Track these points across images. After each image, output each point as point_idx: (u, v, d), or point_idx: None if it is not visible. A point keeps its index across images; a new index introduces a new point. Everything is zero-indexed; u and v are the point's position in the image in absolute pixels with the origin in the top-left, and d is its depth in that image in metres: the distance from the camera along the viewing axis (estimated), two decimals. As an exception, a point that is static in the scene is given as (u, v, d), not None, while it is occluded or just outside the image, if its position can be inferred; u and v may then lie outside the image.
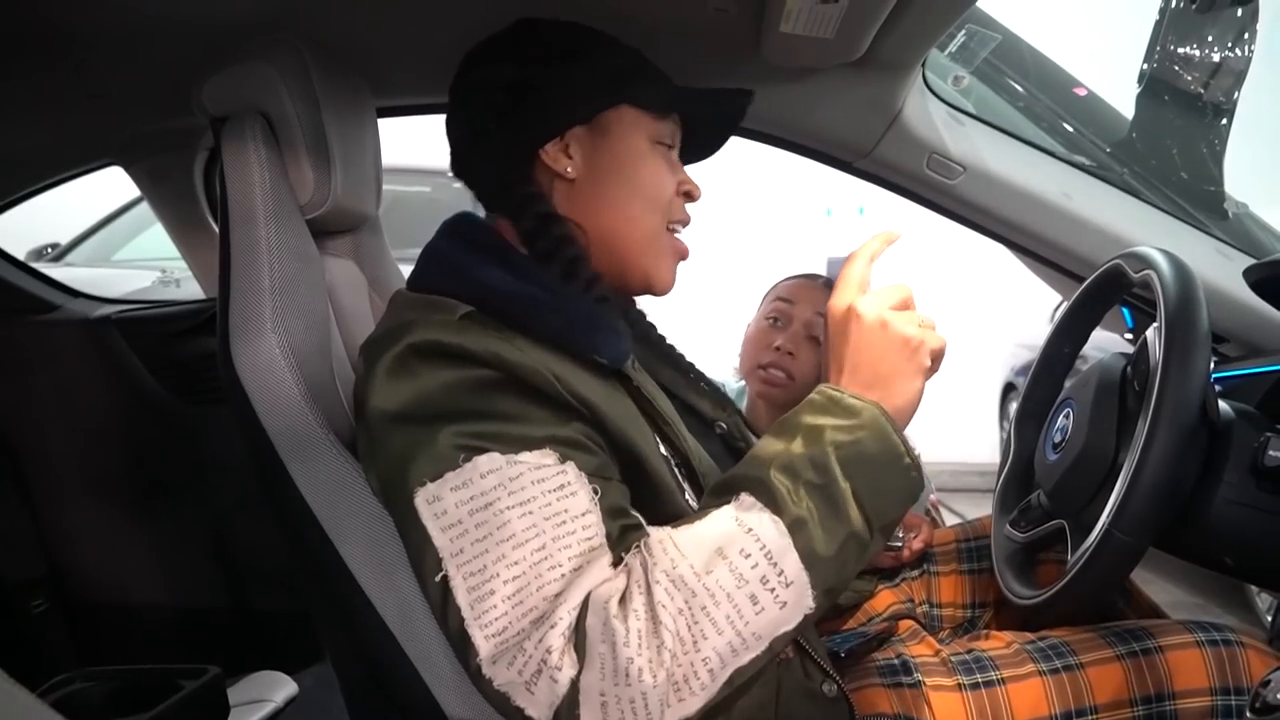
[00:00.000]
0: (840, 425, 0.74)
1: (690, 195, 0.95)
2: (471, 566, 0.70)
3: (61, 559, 1.59)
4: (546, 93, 0.88)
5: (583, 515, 0.72)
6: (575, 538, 0.71)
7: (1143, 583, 1.21)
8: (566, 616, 0.68)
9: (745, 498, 0.72)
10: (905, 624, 1.14)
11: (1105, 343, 1.46)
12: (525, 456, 0.72)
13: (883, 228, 0.91)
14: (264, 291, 0.95)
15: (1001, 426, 4.56)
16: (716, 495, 0.75)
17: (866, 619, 1.17)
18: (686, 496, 0.84)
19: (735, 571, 0.69)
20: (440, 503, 0.72)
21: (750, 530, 0.70)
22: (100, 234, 3.69)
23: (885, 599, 1.21)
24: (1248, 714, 0.67)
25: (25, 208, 1.65)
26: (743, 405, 1.69)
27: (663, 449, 0.85)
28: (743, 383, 1.74)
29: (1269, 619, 1.30)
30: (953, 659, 0.98)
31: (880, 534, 0.74)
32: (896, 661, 0.99)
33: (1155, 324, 0.94)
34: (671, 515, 0.80)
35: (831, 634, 1.11)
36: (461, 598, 0.70)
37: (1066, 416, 1.06)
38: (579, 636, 0.67)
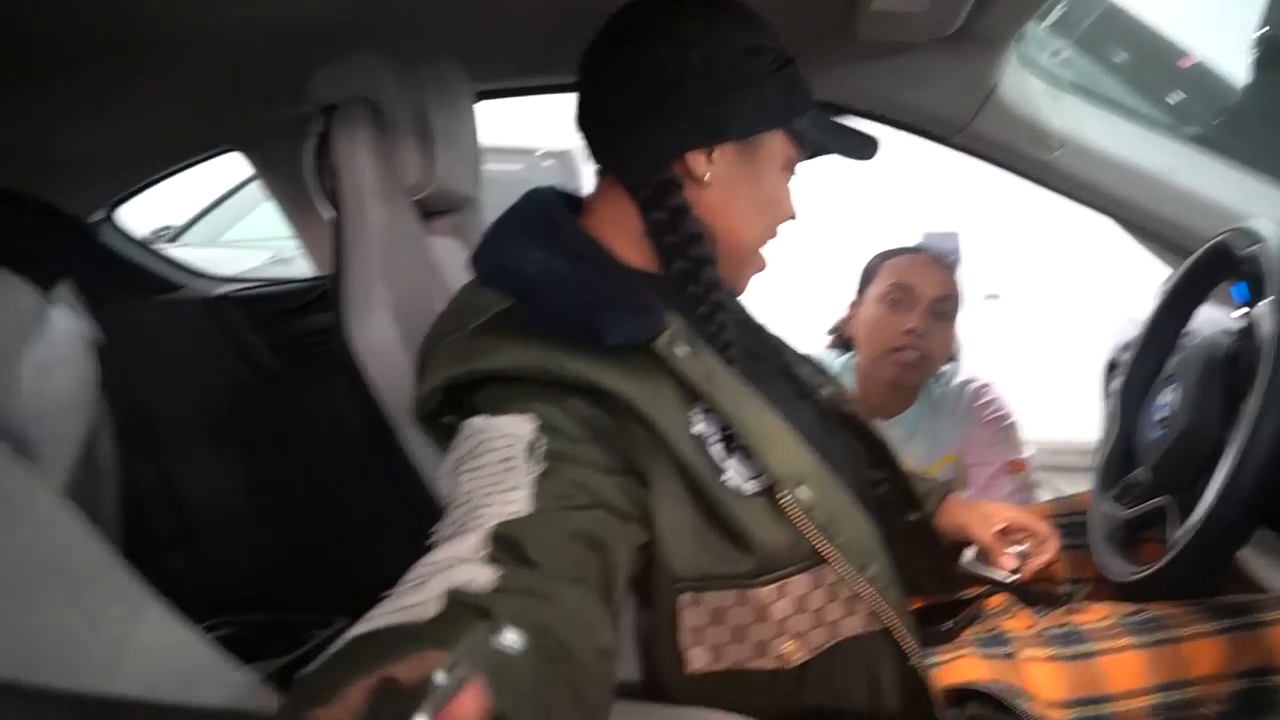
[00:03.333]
0: None
1: (792, 218, 0.95)
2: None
3: (192, 520, 1.70)
4: (714, 104, 0.86)
5: (508, 491, 0.70)
6: (491, 512, 0.68)
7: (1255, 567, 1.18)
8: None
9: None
10: (998, 599, 1.14)
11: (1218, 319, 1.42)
12: (502, 415, 0.75)
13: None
14: (375, 270, 1.00)
15: (1104, 404, 4.39)
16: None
17: (964, 595, 1.18)
18: (725, 477, 0.80)
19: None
20: (448, 460, 0.76)
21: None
22: (210, 216, 3.87)
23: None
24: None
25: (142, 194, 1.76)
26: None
27: (696, 428, 0.81)
28: (844, 359, 1.75)
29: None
30: (1047, 632, 0.98)
31: None
32: (991, 635, 0.99)
33: (1264, 300, 0.92)
34: (699, 493, 0.79)
35: (929, 609, 1.12)
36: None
37: (1171, 393, 1.05)
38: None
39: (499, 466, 0.72)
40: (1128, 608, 0.99)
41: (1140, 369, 1.19)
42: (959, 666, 0.95)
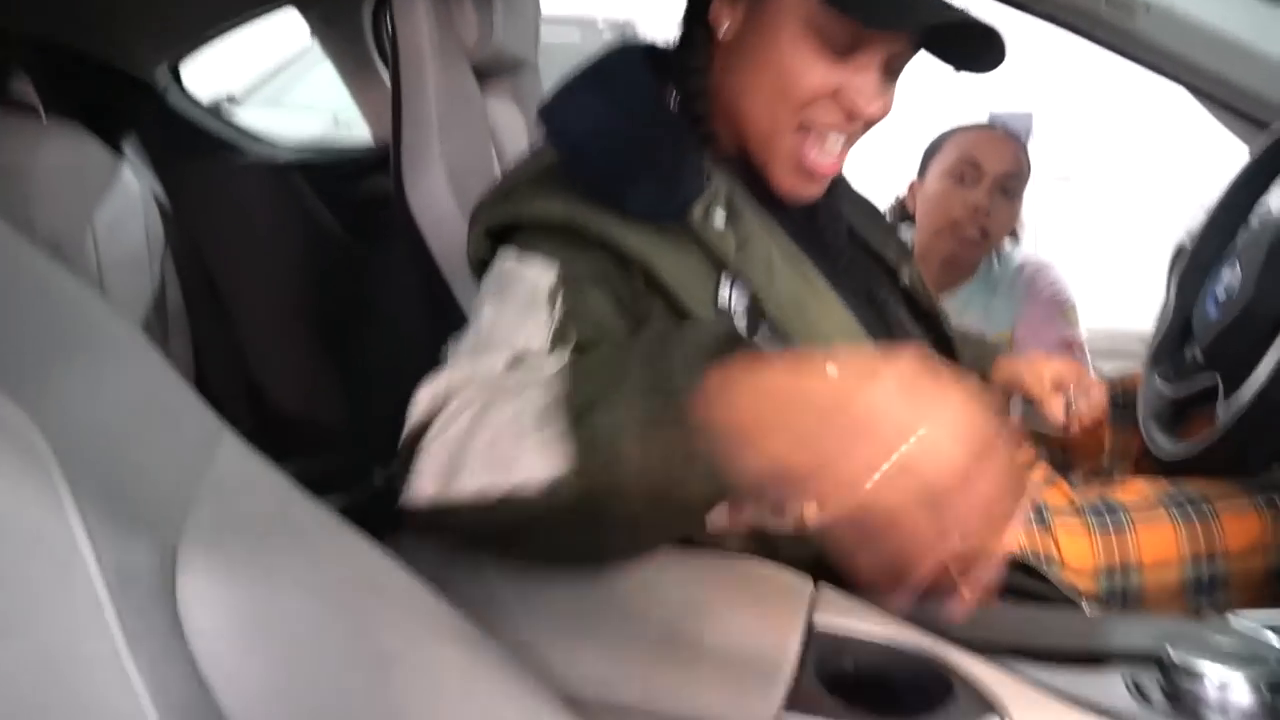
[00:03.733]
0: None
1: (854, 109, 0.81)
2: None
3: (257, 378, 1.78)
4: None
5: (531, 328, 0.73)
6: (518, 329, 0.73)
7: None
8: (440, 389, 0.67)
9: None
10: (1040, 472, 1.16)
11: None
12: (528, 262, 0.77)
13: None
14: (433, 129, 1.01)
15: (1168, 289, 4.27)
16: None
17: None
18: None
19: (518, 390, 0.62)
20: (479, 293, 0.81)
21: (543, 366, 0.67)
22: (270, 82, 3.88)
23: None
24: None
25: (201, 58, 1.78)
26: None
27: (722, 299, 0.81)
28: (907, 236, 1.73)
29: None
30: (1083, 503, 0.99)
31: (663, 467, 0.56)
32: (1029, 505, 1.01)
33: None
34: None
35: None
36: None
37: (1234, 271, 1.03)
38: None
39: (522, 307, 0.74)
40: (1165, 484, 1.01)
41: (1205, 248, 1.16)
42: (996, 535, 0.97)
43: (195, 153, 1.74)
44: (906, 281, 1.04)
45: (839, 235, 0.97)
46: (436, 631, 0.63)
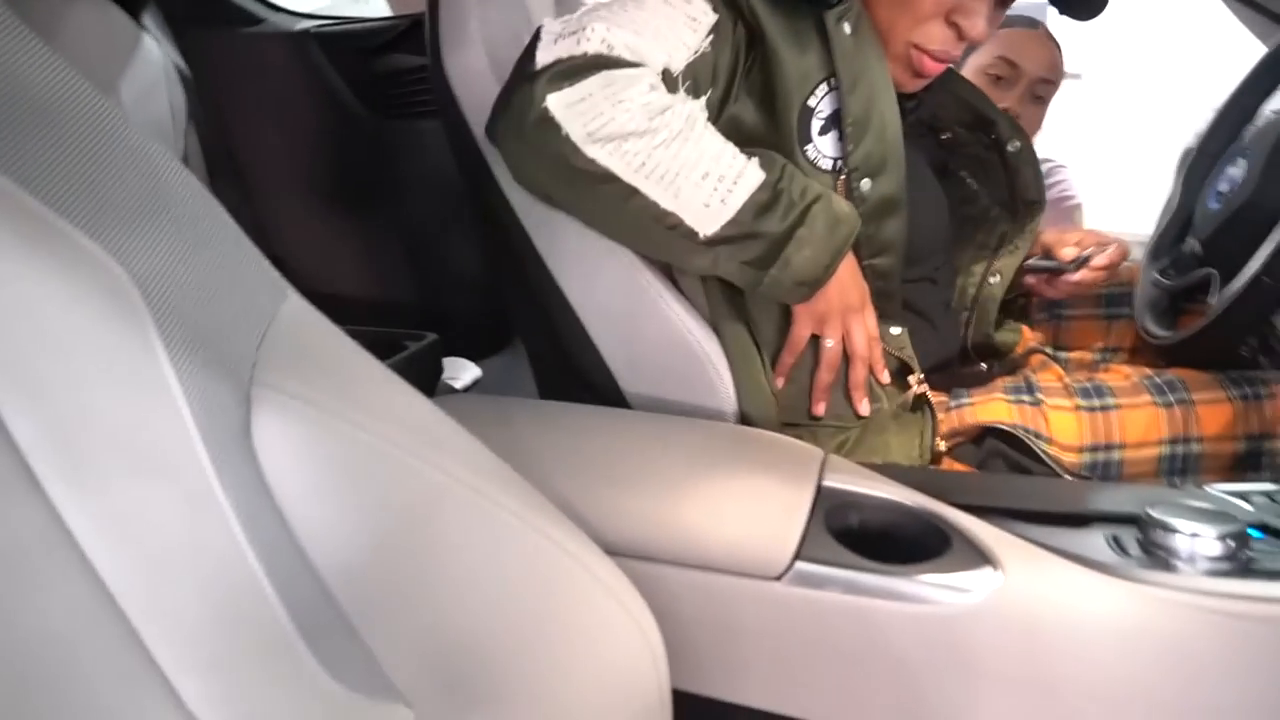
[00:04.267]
0: (834, 210, 0.89)
1: (962, 31, 0.96)
2: (600, 7, 0.89)
3: (277, 249, 1.81)
4: None
5: (679, 44, 0.88)
6: (663, 44, 0.87)
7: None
8: (617, 39, 0.84)
9: (760, 154, 0.87)
10: (1037, 358, 1.21)
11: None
12: None
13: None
14: (470, 4, 1.02)
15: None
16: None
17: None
18: (807, 148, 0.94)
19: (717, 155, 0.84)
20: None
21: (745, 158, 0.86)
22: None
23: (1024, 339, 1.28)
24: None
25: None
26: None
27: (812, 100, 0.94)
28: None
29: None
30: (1074, 385, 1.05)
31: (774, 273, 0.87)
32: (1022, 383, 1.07)
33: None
34: (779, 147, 0.93)
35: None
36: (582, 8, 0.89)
37: (1238, 167, 1.06)
38: (616, 58, 0.83)
39: (686, 17, 0.89)
40: (1151, 371, 1.06)
41: (1211, 143, 1.19)
42: (987, 408, 1.03)
43: (213, 22, 1.73)
44: (1014, 148, 1.15)
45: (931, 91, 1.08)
46: (485, 472, 0.69)
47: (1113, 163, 3.74)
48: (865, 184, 0.94)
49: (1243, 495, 0.81)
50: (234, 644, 0.52)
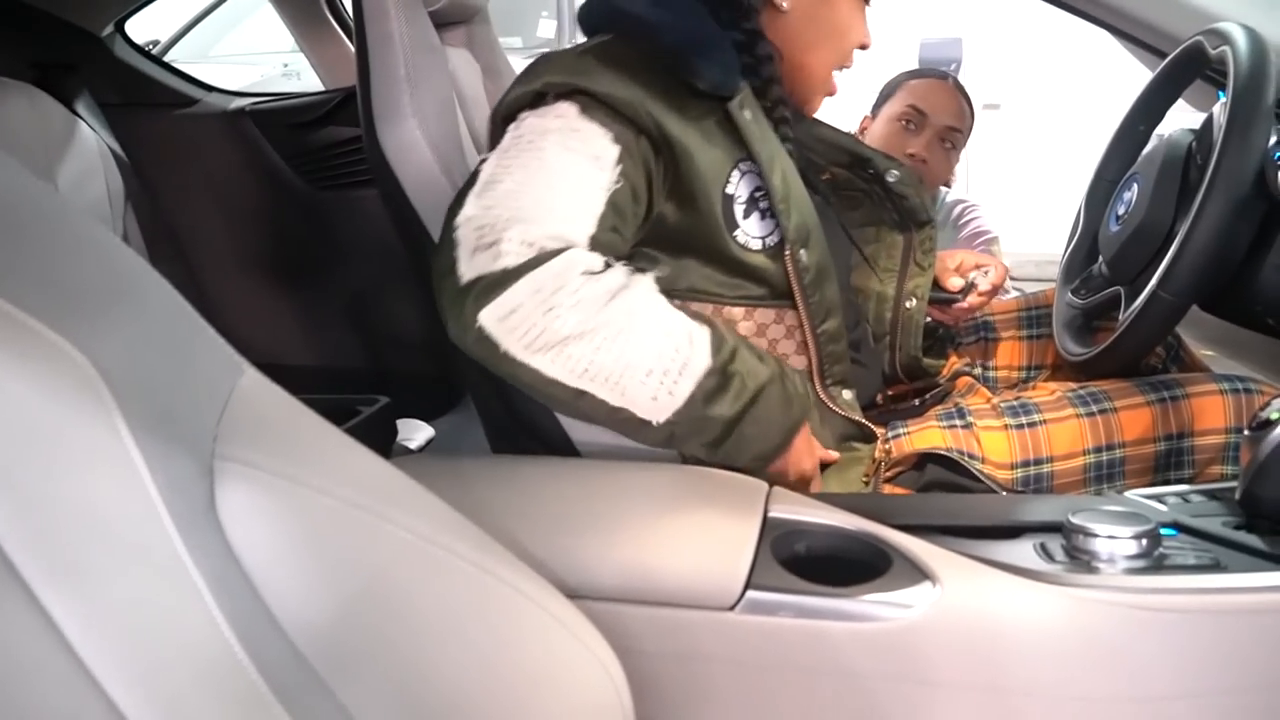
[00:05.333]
0: (786, 391, 0.92)
1: (863, 46, 1.07)
2: (504, 161, 0.88)
3: (219, 322, 1.81)
4: None
5: (595, 187, 0.88)
6: (580, 198, 0.87)
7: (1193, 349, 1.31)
8: (536, 235, 0.82)
9: (706, 332, 0.87)
10: (964, 381, 1.28)
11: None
12: (590, 124, 0.90)
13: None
14: (401, 80, 1.07)
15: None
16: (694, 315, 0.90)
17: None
18: (736, 233, 0.97)
19: (660, 348, 0.84)
20: (521, 123, 0.92)
21: (690, 341, 0.85)
22: (194, 32, 3.78)
23: (950, 362, 1.34)
24: (1245, 432, 0.80)
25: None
26: None
27: (732, 187, 0.98)
28: None
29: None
30: (1002, 405, 1.11)
31: (726, 449, 0.89)
32: (953, 409, 1.13)
33: (1222, 99, 1.00)
34: (711, 247, 0.97)
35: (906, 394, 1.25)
36: (482, 175, 0.88)
37: (1131, 190, 1.14)
38: (538, 257, 0.81)
39: (589, 160, 0.89)
40: (1073, 385, 1.13)
41: (1108, 169, 1.27)
42: (923, 435, 1.09)
43: (148, 105, 1.75)
44: (894, 177, 1.19)
45: (801, 140, 1.13)
46: (445, 527, 0.72)
47: (1030, 187, 3.89)
48: (803, 254, 0.99)
49: (1158, 497, 0.87)
50: (212, 711, 0.54)
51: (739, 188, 0.98)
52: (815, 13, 1.03)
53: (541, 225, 0.83)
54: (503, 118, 0.96)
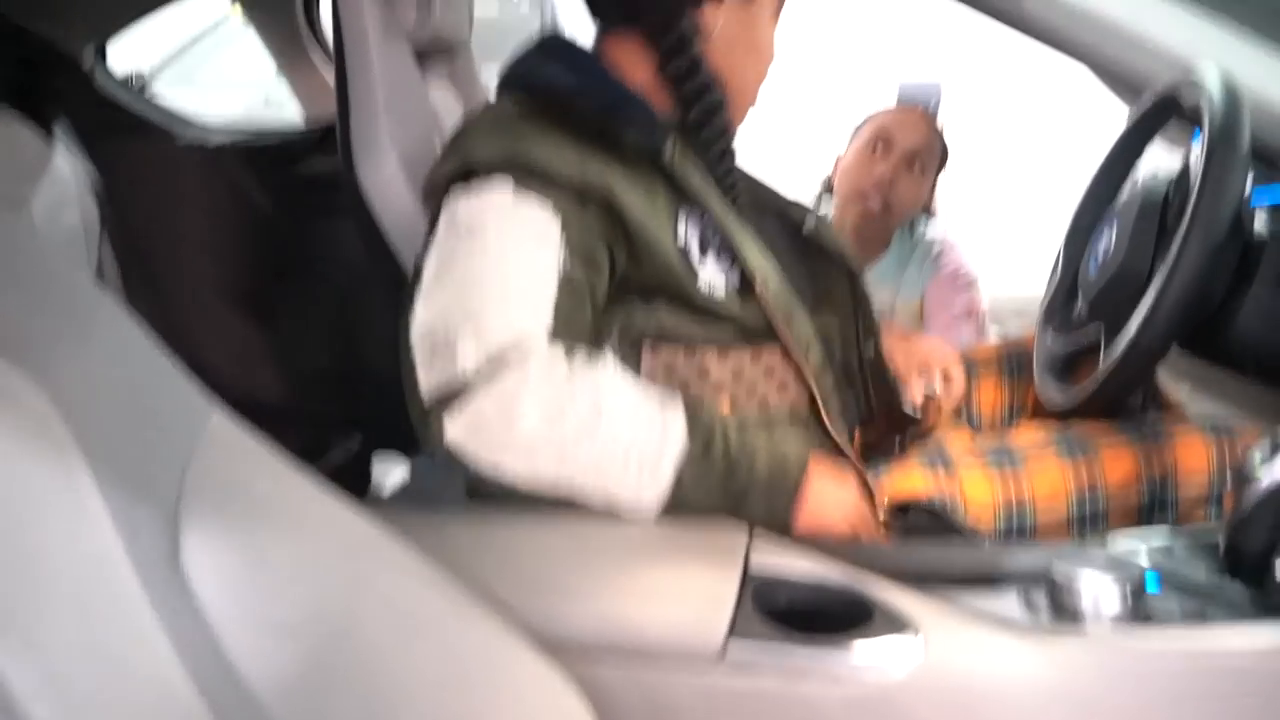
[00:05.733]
0: (774, 461, 0.89)
1: (772, 60, 1.07)
2: (445, 259, 0.87)
3: (194, 357, 1.78)
4: None
5: (543, 270, 0.86)
6: (530, 285, 0.85)
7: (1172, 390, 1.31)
8: (490, 335, 0.80)
9: (679, 415, 0.86)
10: (945, 419, 1.27)
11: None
12: (527, 204, 0.87)
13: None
14: (380, 112, 1.06)
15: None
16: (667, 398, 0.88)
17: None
18: (699, 282, 0.95)
19: (633, 436, 0.82)
20: (455, 213, 0.89)
21: (664, 426, 0.84)
22: (180, 58, 3.78)
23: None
24: (1227, 482, 0.80)
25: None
26: None
27: (681, 237, 0.96)
28: (822, 207, 1.83)
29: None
30: (984, 448, 1.10)
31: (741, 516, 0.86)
32: (935, 451, 1.12)
33: (1199, 143, 1.00)
34: (676, 294, 0.94)
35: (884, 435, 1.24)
36: (426, 277, 0.86)
37: (1110, 232, 1.14)
38: (495, 359, 0.80)
39: (532, 240, 0.86)
40: (1055, 427, 1.12)
41: (1086, 212, 1.27)
42: (904, 477, 1.08)
43: (126, 135, 1.73)
44: (809, 228, 1.14)
45: (736, 182, 1.09)
46: (417, 580, 0.70)
47: (1009, 227, 3.93)
48: (768, 290, 0.97)
49: (1142, 545, 0.86)
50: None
51: (688, 238, 0.96)
52: (739, 33, 1.01)
53: (494, 325, 0.81)
54: (430, 193, 0.94)
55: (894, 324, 1.31)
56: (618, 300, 0.95)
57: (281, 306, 1.78)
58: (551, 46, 1.02)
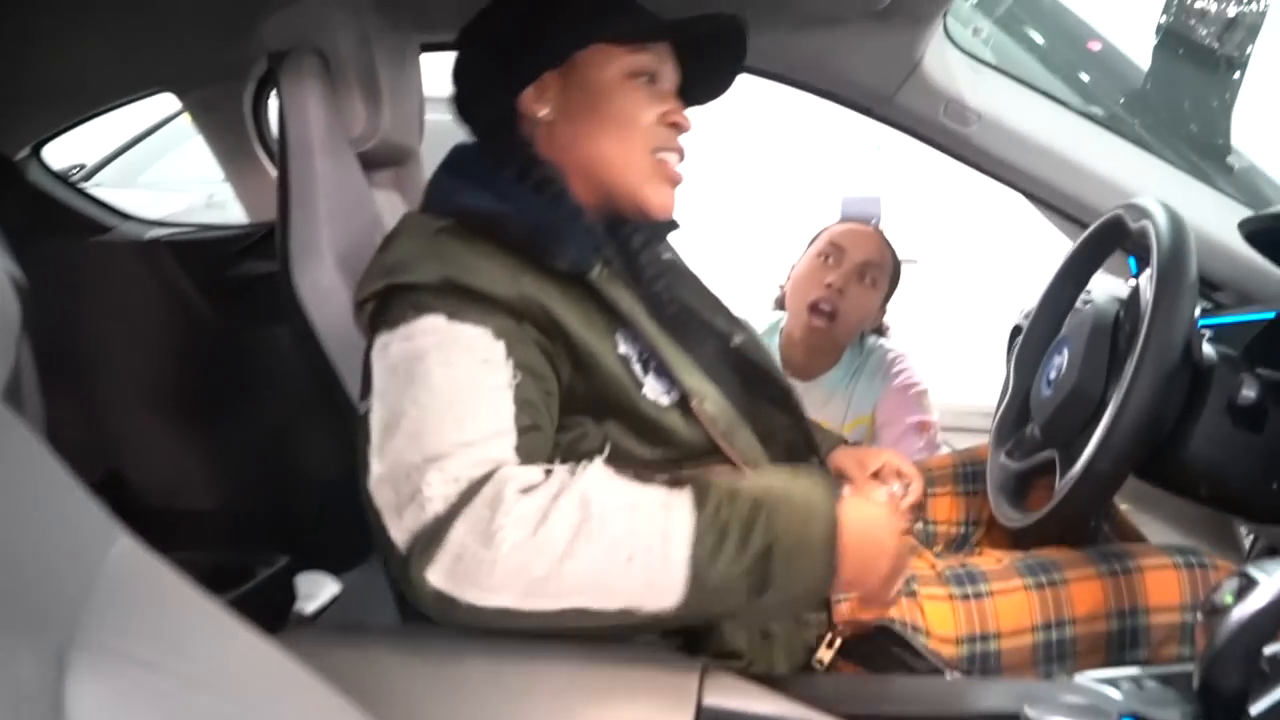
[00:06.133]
0: (796, 501, 0.79)
1: (678, 126, 0.98)
2: (390, 403, 0.81)
3: (118, 466, 1.70)
4: (521, 43, 0.96)
5: (495, 391, 0.81)
6: (485, 409, 0.80)
7: (1139, 523, 1.29)
8: (456, 470, 0.75)
9: (685, 491, 0.78)
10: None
11: (1113, 289, 1.53)
12: (464, 327, 0.82)
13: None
14: (321, 220, 1.03)
15: (1008, 368, 4.60)
16: (670, 479, 0.80)
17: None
18: (644, 391, 0.91)
19: (631, 527, 0.74)
20: (387, 350, 0.83)
21: (666, 506, 0.76)
22: (125, 157, 3.74)
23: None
24: (1197, 616, 0.76)
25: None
26: (774, 342, 1.78)
27: (621, 349, 0.91)
28: (775, 318, 1.83)
29: (1246, 544, 1.40)
30: (947, 572, 1.06)
31: (774, 596, 0.76)
32: None
33: (1148, 271, 1.01)
34: (626, 409, 0.90)
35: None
36: (375, 428, 0.80)
37: (1062, 355, 1.14)
38: (466, 492, 0.74)
39: (478, 366, 0.81)
40: (1020, 554, 1.09)
41: (1036, 333, 1.28)
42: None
43: (56, 230, 1.68)
44: (736, 343, 1.11)
45: (667, 290, 1.06)
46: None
47: (948, 339, 4.01)
48: (707, 406, 0.93)
49: (1112, 681, 0.82)
50: None
51: (627, 347, 0.92)
52: (581, 108, 0.96)
53: (457, 457, 0.76)
54: (357, 309, 0.89)
55: (840, 435, 1.29)
56: (567, 421, 0.90)
57: (212, 413, 1.71)
58: (461, 164, 0.99)
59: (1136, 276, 1.65)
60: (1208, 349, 1.05)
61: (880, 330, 1.86)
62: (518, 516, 0.72)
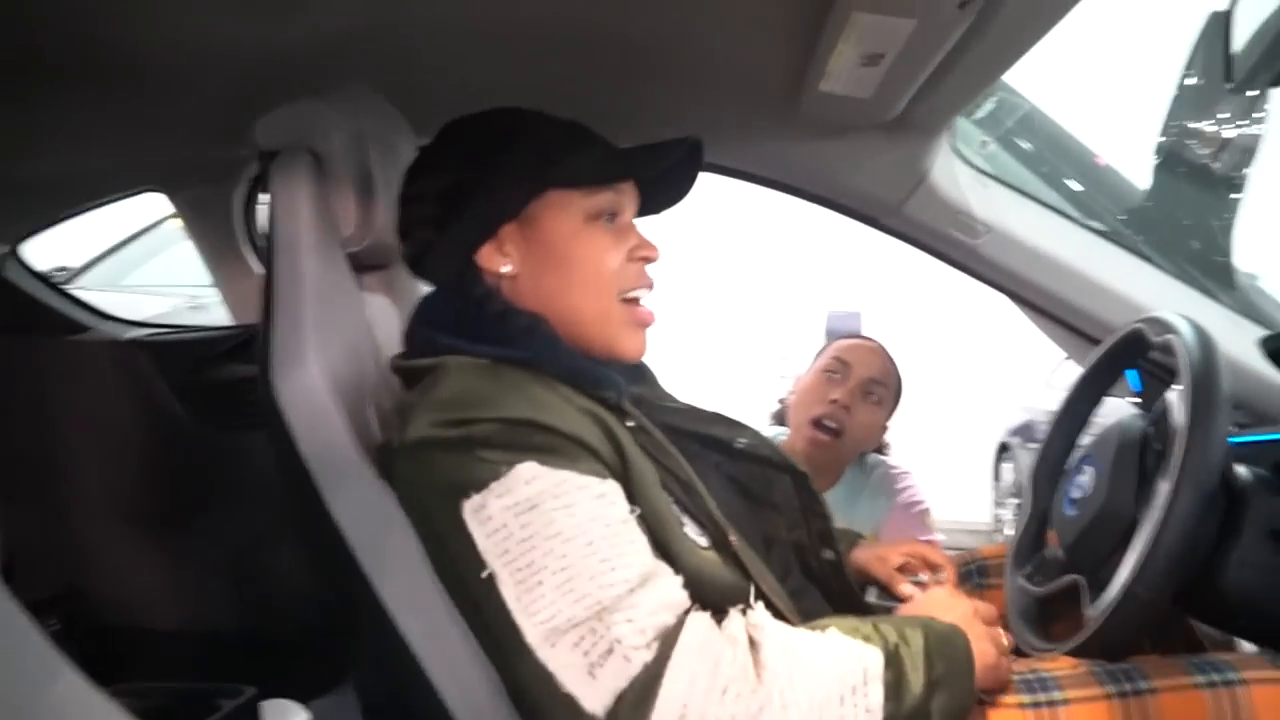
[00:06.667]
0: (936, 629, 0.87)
1: (647, 259, 0.96)
2: (518, 563, 0.75)
3: (80, 578, 1.60)
4: (471, 197, 0.92)
5: (624, 525, 0.79)
6: (626, 545, 0.77)
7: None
8: (643, 618, 0.74)
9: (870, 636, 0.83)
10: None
11: (1118, 404, 1.49)
12: (564, 469, 0.78)
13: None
14: (306, 324, 0.97)
15: (994, 486, 4.57)
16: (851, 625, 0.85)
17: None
18: (686, 529, 0.87)
19: (838, 672, 0.78)
20: (485, 510, 0.77)
21: (859, 659, 0.80)
22: (111, 259, 3.72)
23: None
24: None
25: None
26: None
27: (661, 485, 0.88)
28: (773, 434, 1.78)
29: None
30: (1015, 678, 0.93)
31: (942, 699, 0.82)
32: None
33: (1176, 387, 0.97)
34: (672, 550, 0.84)
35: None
36: (508, 591, 0.75)
37: (1085, 474, 1.08)
38: (665, 639, 0.74)
39: (594, 500, 0.78)
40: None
41: (1054, 449, 1.24)
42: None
43: (30, 330, 1.62)
44: (741, 445, 1.08)
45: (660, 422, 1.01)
46: None
47: (930, 453, 3.98)
48: (734, 539, 0.90)
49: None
50: None
51: (669, 485, 0.90)
52: (545, 260, 0.92)
53: (636, 603, 0.75)
54: (411, 466, 0.85)
55: (855, 532, 1.24)
56: None
57: (181, 524, 1.62)
58: (438, 315, 0.94)
59: (1139, 393, 1.63)
60: (1241, 470, 1.00)
61: (881, 448, 1.82)
62: (741, 669, 0.75)
